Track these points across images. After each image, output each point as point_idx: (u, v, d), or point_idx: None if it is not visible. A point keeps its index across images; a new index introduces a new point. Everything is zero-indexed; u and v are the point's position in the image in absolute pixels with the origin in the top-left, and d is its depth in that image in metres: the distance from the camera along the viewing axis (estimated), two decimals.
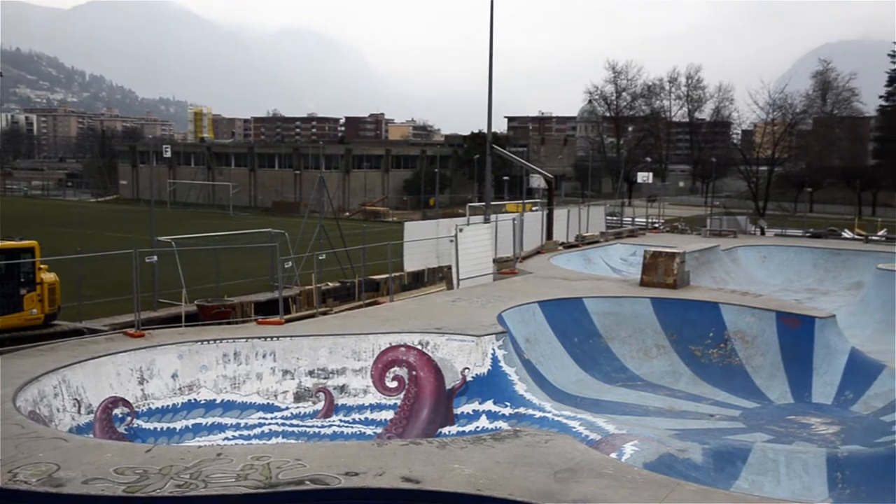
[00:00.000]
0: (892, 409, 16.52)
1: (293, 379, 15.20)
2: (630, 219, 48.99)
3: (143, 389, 13.95)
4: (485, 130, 35.16)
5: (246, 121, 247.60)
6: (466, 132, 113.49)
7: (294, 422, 14.65)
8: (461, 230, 22.91)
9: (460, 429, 14.39)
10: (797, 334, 18.97)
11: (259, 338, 15.50)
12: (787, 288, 32.05)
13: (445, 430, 14.50)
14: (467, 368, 15.30)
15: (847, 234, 47.11)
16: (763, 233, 46.11)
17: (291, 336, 15.79)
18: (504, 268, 25.61)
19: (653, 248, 24.10)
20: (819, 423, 16.24)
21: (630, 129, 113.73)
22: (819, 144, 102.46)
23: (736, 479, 12.30)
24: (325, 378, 15.26)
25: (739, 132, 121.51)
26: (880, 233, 46.65)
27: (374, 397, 15.16)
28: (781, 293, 29.49)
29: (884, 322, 24.55)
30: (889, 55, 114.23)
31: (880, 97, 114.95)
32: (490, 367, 15.31)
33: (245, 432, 14.21)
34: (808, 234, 44.33)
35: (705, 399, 17.79)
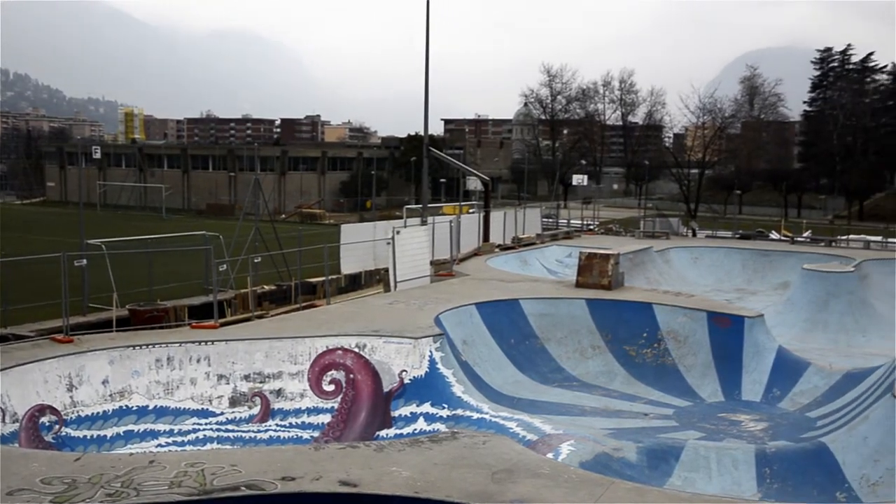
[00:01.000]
0: (817, 405, 17.07)
1: (228, 383, 14.96)
2: (565, 221, 49.58)
3: (71, 396, 13.54)
4: (421, 132, 35.18)
5: (179, 122, 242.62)
6: (403, 134, 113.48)
7: (229, 427, 14.42)
8: (398, 232, 22.88)
9: (398, 431, 14.34)
10: (727, 333, 19.44)
11: (193, 342, 15.21)
12: (718, 288, 32.83)
13: (383, 432, 14.44)
14: (405, 371, 15.26)
15: (774, 235, 48.53)
16: (694, 234, 47.16)
17: (226, 340, 15.54)
18: (441, 270, 25.64)
19: (588, 250, 24.40)
20: (748, 420, 16.67)
21: (565, 131, 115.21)
22: (747, 148, 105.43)
23: (669, 477, 12.53)
24: (260, 382, 15.06)
25: (671, 135, 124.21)
26: (805, 234, 48.17)
27: (311, 401, 15.02)
28: (712, 293, 30.18)
29: (809, 321, 25.38)
30: (812, 62, 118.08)
31: (804, 102, 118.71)
32: (427, 370, 15.30)
33: (179, 438, 13.93)
34: (737, 236, 45.48)
35: (639, 398, 18.09)
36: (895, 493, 10.13)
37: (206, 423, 14.36)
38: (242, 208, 40.61)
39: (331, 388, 15.15)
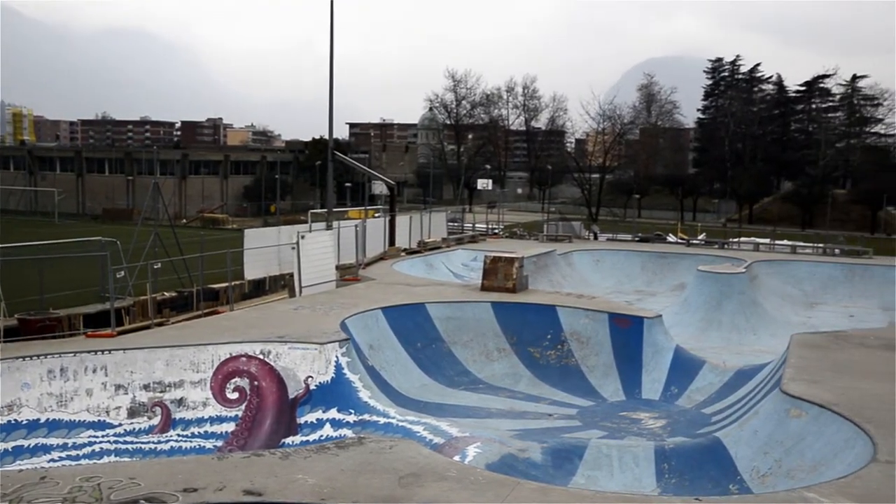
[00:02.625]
0: (712, 401, 17.74)
1: (127, 394, 14.48)
2: (471, 225, 50.01)
3: None
4: (326, 136, 34.88)
5: (72, 123, 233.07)
6: (308, 138, 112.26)
7: (128, 439, 13.95)
8: (303, 237, 22.61)
9: (304, 438, 14.17)
10: (627, 334, 19.99)
11: (88, 352, 14.66)
12: (619, 290, 33.73)
13: (289, 440, 14.25)
14: (311, 377, 15.09)
15: (671, 238, 50.15)
16: (596, 237, 48.27)
17: (124, 349, 15.03)
18: (347, 274, 25.49)
19: (493, 254, 24.67)
20: (648, 417, 17.18)
21: (470, 136, 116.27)
22: (645, 153, 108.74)
23: (573, 476, 12.77)
24: (161, 392, 14.64)
25: (573, 141, 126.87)
26: (700, 237, 49.94)
27: (215, 409, 14.69)
28: (613, 295, 30.98)
29: (704, 320, 26.35)
30: (705, 72, 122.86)
31: (698, 110, 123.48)
32: (334, 375, 15.17)
33: (73, 452, 13.39)
34: (636, 239, 46.79)
35: (544, 399, 18.40)
36: (783, 483, 10.62)
37: (102, 436, 13.86)
38: (141, 213, 39.38)
39: (235, 395, 14.86)
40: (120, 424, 14.15)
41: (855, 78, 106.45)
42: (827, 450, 10.73)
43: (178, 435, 14.23)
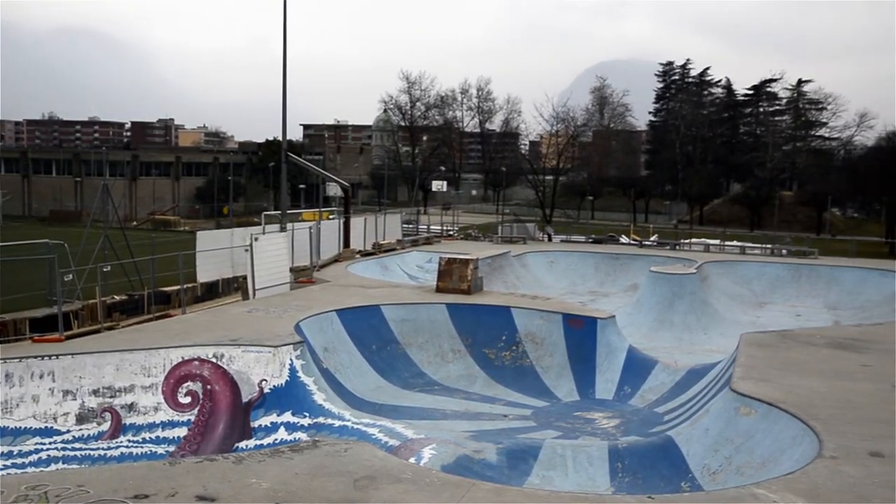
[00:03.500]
0: (664, 400, 17.98)
1: (75, 399, 14.18)
2: (425, 226, 49.97)
3: None
4: (280, 137, 34.60)
5: (17, 123, 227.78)
6: (261, 139, 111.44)
7: (76, 445, 13.66)
8: (256, 239, 22.39)
9: (258, 442, 14.03)
10: (581, 335, 20.16)
11: (35, 357, 14.32)
12: (573, 291, 34.01)
13: (242, 444, 14.09)
14: (265, 380, 14.95)
15: (624, 239, 50.79)
16: (550, 239, 48.59)
17: (72, 354, 14.72)
18: (301, 277, 25.31)
19: (448, 255, 24.71)
20: (602, 417, 17.35)
21: (424, 138, 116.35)
22: (598, 155, 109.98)
23: (528, 476, 12.84)
24: (111, 397, 14.37)
25: (527, 143, 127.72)
26: (652, 238, 50.64)
27: (166, 414, 14.46)
28: (567, 296, 31.23)
29: (656, 320, 26.71)
30: (656, 75, 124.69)
31: (649, 113, 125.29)
32: (288, 378, 15.04)
33: (19, 460, 13.07)
34: (590, 240, 47.22)
35: (499, 400, 18.47)
36: (733, 480, 10.80)
37: (50, 443, 13.55)
38: (90, 215, 38.63)
39: (187, 400, 14.65)
40: (68, 431, 13.85)
41: (800, 82, 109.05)
42: (775, 447, 10.94)
43: (129, 441, 13.98)
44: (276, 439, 14.00)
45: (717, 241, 46.15)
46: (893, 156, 70.97)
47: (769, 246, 44.42)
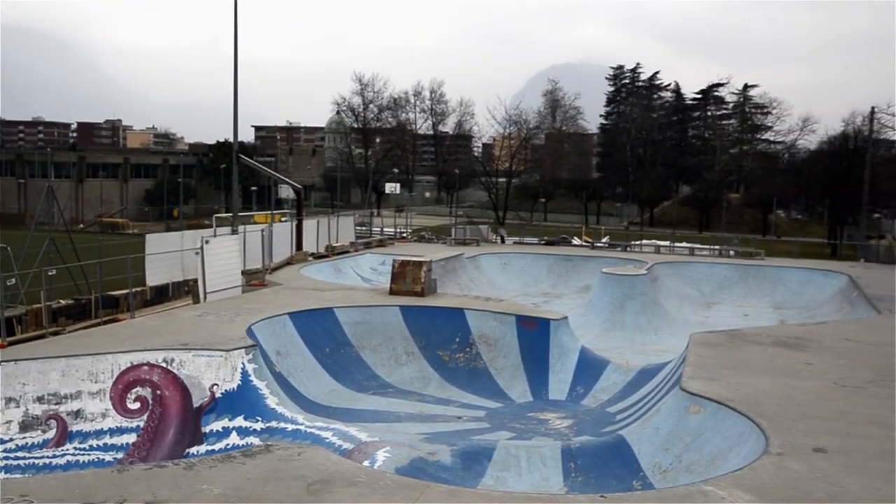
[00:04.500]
0: (616, 400, 18.19)
1: (18, 407, 13.84)
2: (379, 229, 49.89)
3: None
4: (231, 139, 34.20)
5: None
6: (212, 141, 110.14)
7: (20, 454, 13.33)
8: (207, 242, 22.11)
9: (209, 448, 13.85)
10: (534, 336, 20.29)
11: None
12: (526, 292, 34.22)
13: (193, 450, 13.90)
14: (216, 384, 14.77)
15: (576, 241, 51.21)
16: (503, 241, 48.81)
17: (16, 360, 14.37)
18: (253, 280, 25.07)
19: (401, 258, 24.69)
20: (555, 418, 17.47)
21: (377, 140, 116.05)
22: (551, 158, 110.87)
23: (482, 477, 12.88)
24: (56, 404, 14.06)
25: (480, 145, 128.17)
26: (604, 240, 51.18)
27: (115, 421, 14.20)
28: (520, 297, 31.42)
29: (608, 321, 27.00)
30: (607, 78, 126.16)
31: (601, 116, 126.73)
32: (240, 382, 14.88)
33: None
34: (543, 242, 47.54)
35: (453, 402, 18.50)
36: (683, 477, 10.98)
37: None
38: (34, 217, 37.76)
39: (136, 406, 14.40)
40: (11, 439, 13.52)
41: (746, 87, 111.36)
42: (723, 444, 11.14)
43: (76, 448, 13.69)
44: (227, 444, 13.84)
45: (667, 243, 46.88)
46: (835, 159, 72.76)
47: (717, 247, 45.27)
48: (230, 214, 32.46)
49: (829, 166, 72.12)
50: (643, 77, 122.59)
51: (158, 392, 14.56)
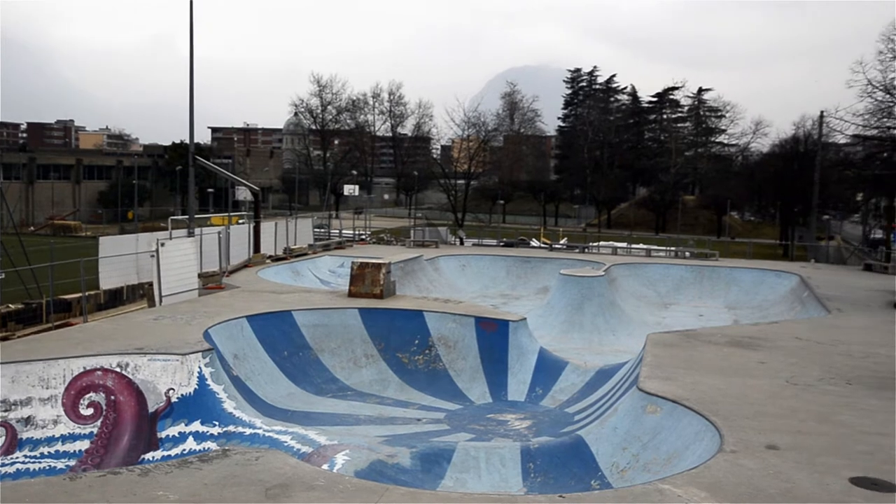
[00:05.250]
0: (574, 401, 18.32)
1: None
2: (337, 231, 49.67)
3: None
4: (187, 140, 33.77)
5: None
6: (168, 142, 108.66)
7: None
8: (163, 244, 21.82)
9: (165, 453, 13.65)
10: (493, 337, 20.36)
11: None
12: (485, 294, 34.33)
13: (149, 455, 13.69)
14: (172, 389, 14.56)
15: (535, 243, 51.54)
16: (462, 243, 48.93)
17: None
18: (210, 283, 24.78)
19: (360, 260, 24.60)
20: (514, 419, 17.55)
21: (336, 142, 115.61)
22: (509, 160, 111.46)
23: (442, 479, 12.89)
24: (5, 411, 13.74)
25: (439, 147, 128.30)
26: (562, 241, 51.60)
27: (67, 427, 13.92)
28: (479, 299, 31.50)
29: (566, 322, 27.19)
30: (564, 81, 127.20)
31: (558, 118, 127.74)
32: (197, 387, 14.70)
33: None
34: (501, 244, 47.75)
35: (413, 404, 18.48)
36: (641, 476, 11.10)
37: None
38: None
39: (89, 412, 14.14)
40: None
41: (700, 91, 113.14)
42: (679, 443, 11.29)
43: (26, 456, 13.39)
44: (184, 449, 13.66)
45: (624, 244, 47.41)
46: (786, 162, 74.19)
47: (673, 248, 45.86)
48: (186, 217, 32.06)
49: (781, 169, 73.53)
50: (600, 80, 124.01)
51: (112, 397, 14.32)
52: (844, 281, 32.31)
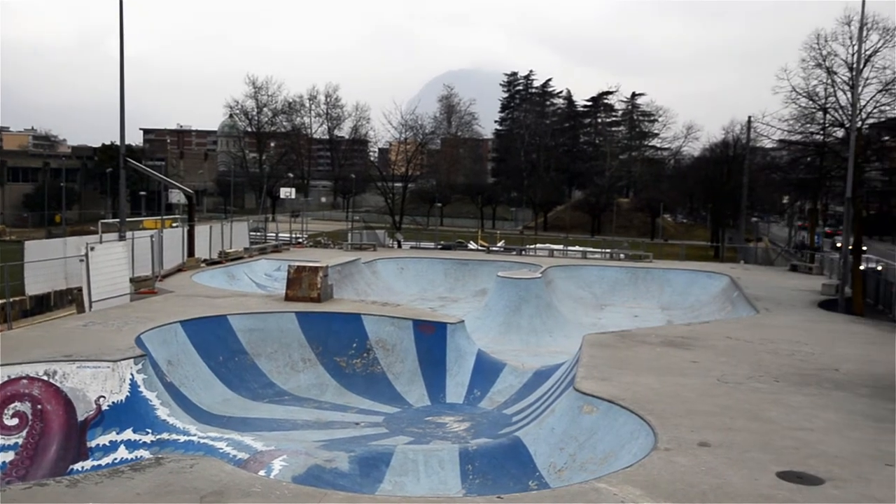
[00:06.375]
0: (512, 402, 18.46)
1: None
2: (274, 234, 49.13)
3: None
4: (118, 142, 32.98)
5: None
6: (97, 144, 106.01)
7: None
8: (93, 249, 21.26)
9: (95, 463, 13.30)
10: (432, 340, 20.38)
11: None
12: (423, 297, 34.33)
13: (78, 465, 13.31)
14: (103, 397, 14.19)
15: (472, 245, 51.81)
16: (400, 245, 48.91)
17: None
18: (143, 287, 24.25)
19: (297, 263, 24.38)
20: (452, 421, 17.59)
21: (272, 144, 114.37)
22: (447, 163, 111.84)
23: (381, 483, 12.84)
24: None
25: (376, 150, 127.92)
26: (499, 244, 51.98)
27: None
28: (418, 302, 31.49)
29: (504, 324, 27.38)
30: (501, 85, 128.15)
31: (495, 122, 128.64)
32: (129, 394, 14.35)
33: None
34: (439, 246, 47.88)
35: (351, 408, 18.38)
36: (578, 476, 11.24)
37: None
38: None
39: (14, 422, 13.68)
40: None
41: (634, 95, 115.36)
42: (615, 442, 11.46)
43: None
44: (115, 458, 13.32)
45: (560, 247, 47.92)
46: (716, 166, 76.10)
47: (608, 250, 46.58)
48: (117, 220, 31.28)
49: (711, 172, 75.42)
50: (536, 84, 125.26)
51: (39, 406, 13.88)
52: (772, 281, 33.27)
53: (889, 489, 8.72)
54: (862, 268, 28.54)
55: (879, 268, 30.00)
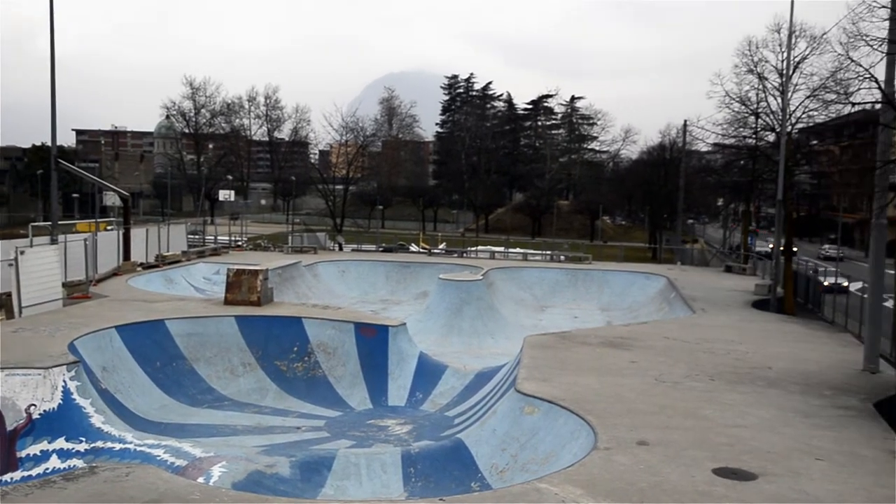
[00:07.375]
0: (454, 404, 18.52)
1: None
2: (213, 237, 48.39)
3: None
4: (49, 143, 32.09)
5: None
6: (27, 144, 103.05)
7: None
8: (22, 252, 20.64)
9: (26, 473, 12.91)
10: (373, 343, 20.33)
11: None
12: (364, 300, 34.22)
13: (7, 477, 12.90)
14: (33, 405, 13.79)
15: (414, 248, 51.79)
16: (341, 248, 48.64)
17: None
18: (76, 292, 23.65)
19: (236, 266, 24.09)
20: (395, 424, 17.56)
21: (210, 146, 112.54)
22: (388, 165, 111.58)
23: (322, 487, 12.75)
24: None
25: (317, 152, 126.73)
26: (441, 246, 52.04)
27: None
28: (359, 305, 31.38)
29: (446, 326, 27.45)
30: (442, 87, 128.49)
31: (437, 124, 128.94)
32: (61, 401, 13.97)
33: None
34: (380, 249, 47.77)
35: (292, 412, 18.21)
36: (519, 476, 11.32)
37: None
38: None
39: None
40: None
41: (573, 99, 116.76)
42: (556, 442, 11.58)
43: None
44: (47, 468, 12.96)
45: (501, 249, 48.20)
46: (653, 168, 77.50)
47: (549, 252, 47.04)
48: (49, 223, 30.42)
49: (649, 175, 76.75)
50: (477, 87, 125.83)
51: None
52: (707, 282, 34.02)
53: (819, 483, 8.99)
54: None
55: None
